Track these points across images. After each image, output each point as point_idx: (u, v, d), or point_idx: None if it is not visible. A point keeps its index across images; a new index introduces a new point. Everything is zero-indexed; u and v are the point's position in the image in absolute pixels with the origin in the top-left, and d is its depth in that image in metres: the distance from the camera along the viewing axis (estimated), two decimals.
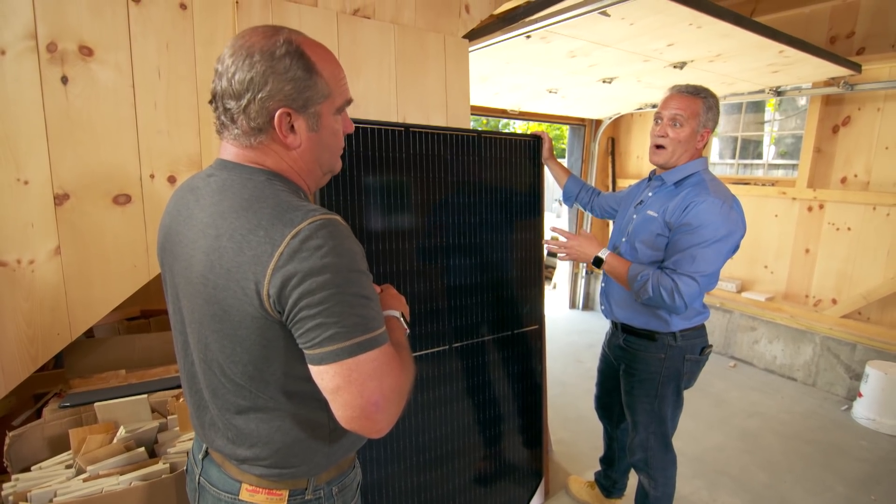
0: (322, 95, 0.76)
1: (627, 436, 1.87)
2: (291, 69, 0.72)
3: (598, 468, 2.21)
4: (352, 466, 0.92)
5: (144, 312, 2.34)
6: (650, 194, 1.70)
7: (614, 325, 1.84)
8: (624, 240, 1.73)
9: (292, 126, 0.75)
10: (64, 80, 1.26)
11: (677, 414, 1.75)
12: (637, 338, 1.71)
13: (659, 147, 1.61)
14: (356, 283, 0.68)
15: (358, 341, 0.67)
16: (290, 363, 0.74)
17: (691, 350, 1.67)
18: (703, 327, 1.70)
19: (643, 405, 1.73)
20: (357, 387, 0.68)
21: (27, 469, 1.23)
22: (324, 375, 0.69)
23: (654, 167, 1.73)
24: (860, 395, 3.07)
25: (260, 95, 0.71)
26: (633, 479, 2.15)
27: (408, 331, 0.93)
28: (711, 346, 1.73)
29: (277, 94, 0.72)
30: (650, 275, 1.51)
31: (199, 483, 0.88)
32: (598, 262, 1.64)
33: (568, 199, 2.13)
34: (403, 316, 0.94)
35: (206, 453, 0.88)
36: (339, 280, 0.66)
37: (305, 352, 0.70)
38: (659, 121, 1.62)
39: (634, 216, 1.72)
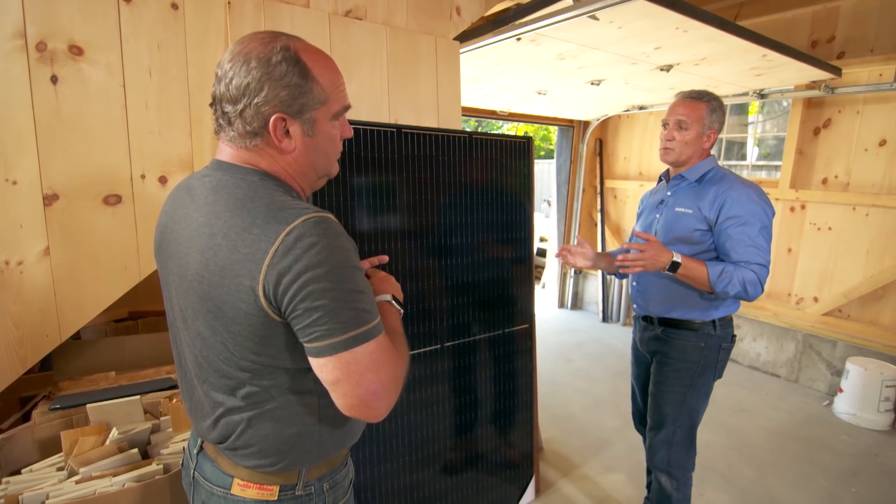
0: (318, 101, 0.77)
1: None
2: (287, 75, 0.73)
3: (589, 465, 2.22)
4: (343, 464, 0.93)
5: (132, 314, 2.32)
6: (669, 193, 1.74)
7: (648, 320, 1.80)
8: None
9: (287, 131, 0.76)
10: (53, 79, 1.25)
11: (704, 407, 1.74)
12: (676, 329, 1.71)
13: (667, 149, 1.70)
14: (350, 279, 0.70)
15: (354, 334, 0.70)
16: (285, 357, 0.75)
17: (726, 339, 1.71)
18: (732, 316, 1.74)
19: (675, 395, 1.71)
20: (355, 378, 0.71)
21: (17, 472, 1.22)
22: (323, 368, 0.71)
23: (666, 168, 1.81)
24: (841, 391, 3.15)
25: (255, 101, 0.73)
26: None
27: (402, 312, 0.94)
28: (736, 335, 1.76)
29: (273, 99, 0.73)
30: (732, 271, 1.53)
31: (193, 477, 0.89)
32: (674, 266, 1.53)
33: (622, 275, 2.00)
34: (396, 298, 0.95)
35: (201, 448, 0.89)
36: (333, 276, 0.68)
37: (305, 345, 0.71)
38: (666, 125, 1.70)
39: (658, 215, 1.76)
